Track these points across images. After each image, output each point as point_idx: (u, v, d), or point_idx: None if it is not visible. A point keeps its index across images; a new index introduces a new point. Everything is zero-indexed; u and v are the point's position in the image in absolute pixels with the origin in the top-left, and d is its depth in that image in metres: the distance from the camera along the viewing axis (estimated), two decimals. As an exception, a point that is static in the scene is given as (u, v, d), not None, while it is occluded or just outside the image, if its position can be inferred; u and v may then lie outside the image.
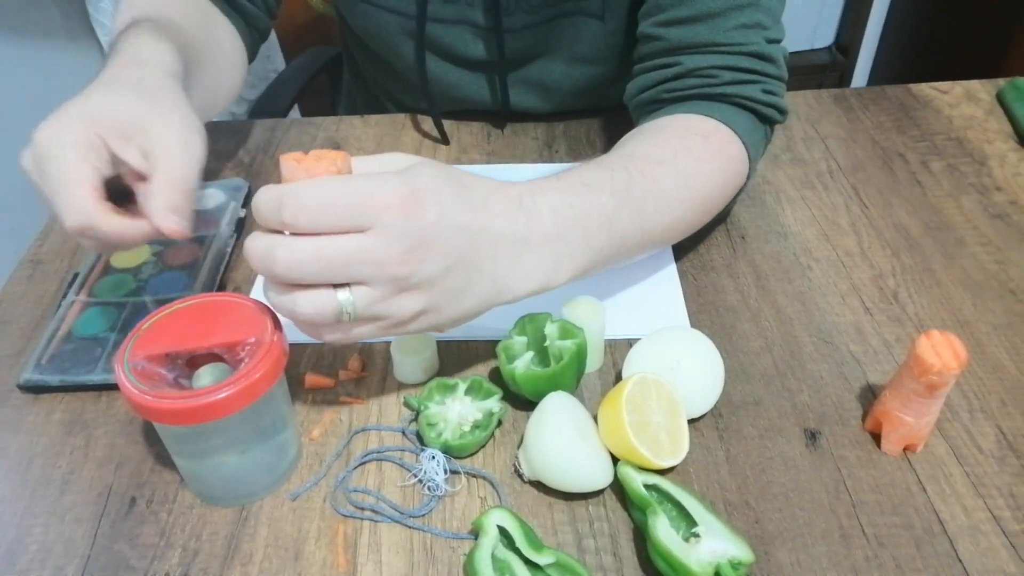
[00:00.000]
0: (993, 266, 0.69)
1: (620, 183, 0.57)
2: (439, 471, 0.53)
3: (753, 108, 0.67)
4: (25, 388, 0.61)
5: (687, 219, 0.63)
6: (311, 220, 0.44)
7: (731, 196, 0.68)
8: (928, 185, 0.79)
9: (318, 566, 0.50)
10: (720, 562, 0.46)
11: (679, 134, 0.64)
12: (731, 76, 0.67)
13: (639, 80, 0.72)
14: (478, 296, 0.50)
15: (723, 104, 0.67)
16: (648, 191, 0.58)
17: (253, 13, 0.81)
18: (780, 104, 0.69)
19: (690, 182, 0.62)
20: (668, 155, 0.61)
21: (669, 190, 0.60)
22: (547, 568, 0.47)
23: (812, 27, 2.12)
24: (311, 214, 0.44)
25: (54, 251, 0.75)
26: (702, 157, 0.63)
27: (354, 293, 0.45)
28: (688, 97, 0.68)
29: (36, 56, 1.42)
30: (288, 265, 0.44)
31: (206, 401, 0.46)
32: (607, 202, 0.55)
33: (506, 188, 0.51)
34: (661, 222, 0.60)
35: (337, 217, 0.44)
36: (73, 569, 0.51)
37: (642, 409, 0.52)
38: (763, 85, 0.68)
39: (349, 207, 0.44)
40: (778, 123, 0.71)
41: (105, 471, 0.56)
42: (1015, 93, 0.87)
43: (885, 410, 0.54)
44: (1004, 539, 0.50)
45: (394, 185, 0.45)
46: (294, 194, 0.44)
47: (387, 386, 0.61)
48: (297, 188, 0.44)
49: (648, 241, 0.60)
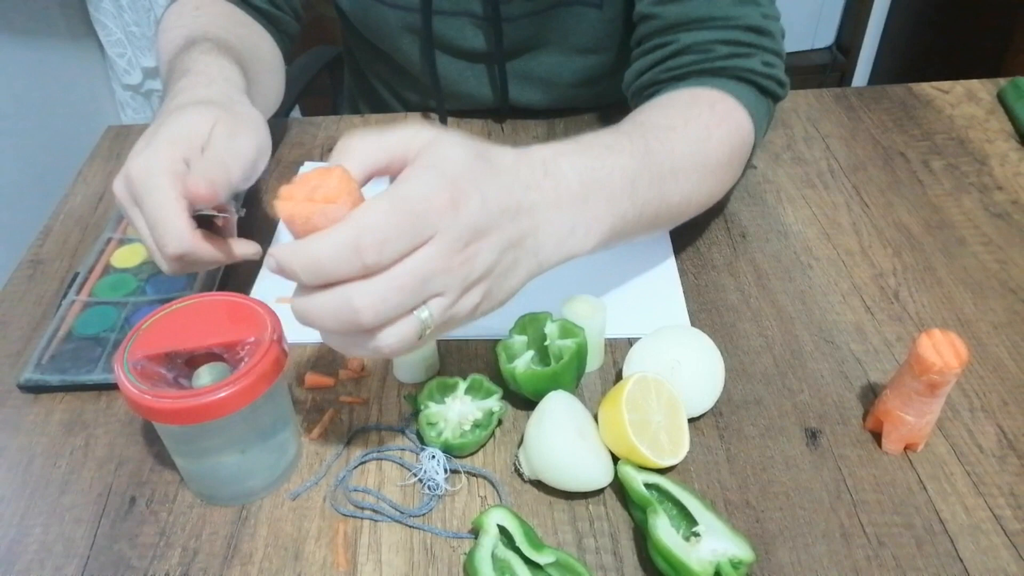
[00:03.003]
0: (994, 265, 0.69)
1: (639, 147, 0.56)
2: (439, 470, 0.53)
3: (753, 80, 0.67)
4: (25, 388, 0.61)
5: (700, 188, 0.62)
6: (393, 250, 0.40)
7: (739, 168, 0.67)
8: (929, 184, 0.79)
9: (318, 566, 0.50)
10: (720, 561, 0.46)
11: (686, 104, 0.64)
12: (728, 50, 0.66)
13: (637, 64, 0.72)
14: (523, 272, 0.48)
15: (723, 78, 0.66)
16: (665, 157, 0.57)
17: (284, 20, 0.85)
18: (779, 76, 0.68)
19: (702, 147, 0.61)
20: (679, 122, 0.60)
21: (684, 156, 0.59)
22: (547, 567, 0.47)
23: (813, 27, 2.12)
24: (393, 244, 0.40)
25: (54, 251, 0.75)
26: (710, 124, 0.62)
27: (430, 307, 0.43)
28: (687, 75, 0.67)
29: (36, 56, 1.42)
30: (375, 311, 0.40)
31: (206, 401, 0.46)
32: (628, 164, 0.54)
33: (528, 156, 0.49)
34: (678, 190, 0.59)
35: (410, 237, 0.41)
36: (73, 569, 0.51)
37: (642, 408, 0.52)
38: (761, 57, 0.67)
39: (414, 223, 0.41)
40: (779, 98, 0.70)
41: (105, 471, 0.56)
42: (1016, 93, 0.87)
43: (886, 409, 0.54)
44: (1005, 538, 0.50)
45: (435, 183, 0.42)
46: (371, 231, 0.39)
47: (387, 386, 0.61)
48: (366, 224, 0.40)
49: (666, 210, 0.59)
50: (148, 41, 1.59)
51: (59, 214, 0.80)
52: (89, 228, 0.78)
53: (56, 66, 1.47)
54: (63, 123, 1.45)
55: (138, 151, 0.56)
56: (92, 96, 1.61)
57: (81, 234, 0.77)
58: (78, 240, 0.76)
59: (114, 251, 0.71)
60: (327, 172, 0.42)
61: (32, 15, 1.40)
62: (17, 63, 1.36)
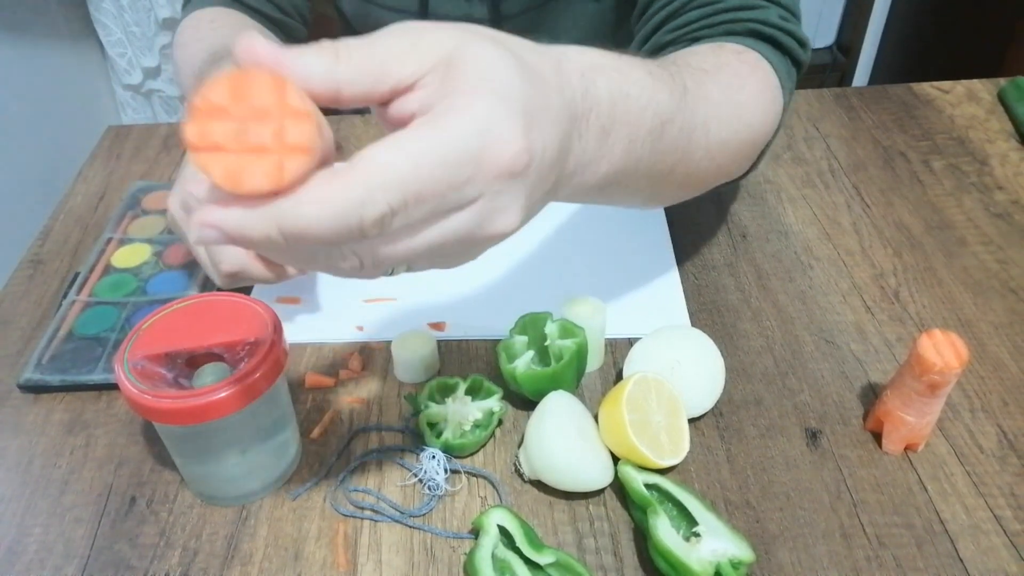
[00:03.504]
0: (994, 265, 0.69)
1: (678, 84, 0.46)
2: (439, 471, 0.53)
3: (771, 36, 0.58)
4: (25, 388, 0.61)
5: (729, 146, 0.52)
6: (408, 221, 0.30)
7: (770, 131, 0.58)
8: (929, 184, 0.78)
9: (318, 566, 0.50)
10: (721, 561, 0.46)
11: (713, 51, 0.55)
12: (738, 1, 0.58)
13: (641, 33, 0.64)
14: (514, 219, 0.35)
15: (738, 36, 0.58)
16: (699, 103, 0.47)
17: (294, 27, 0.85)
18: (799, 34, 0.59)
19: (735, 97, 0.52)
20: (711, 66, 0.52)
21: (717, 105, 0.50)
22: (547, 568, 0.47)
23: (813, 27, 2.12)
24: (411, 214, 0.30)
25: (54, 251, 0.75)
26: (741, 72, 0.53)
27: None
28: (696, 33, 0.59)
29: (37, 56, 1.42)
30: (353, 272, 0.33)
31: (206, 401, 0.46)
32: (665, 103, 0.43)
33: (566, 65, 0.37)
34: (704, 146, 0.49)
35: (438, 206, 0.31)
36: (73, 569, 0.50)
37: (643, 408, 0.52)
38: (777, 11, 0.59)
39: (452, 188, 0.30)
40: (801, 62, 0.60)
41: (105, 471, 0.56)
42: (1016, 93, 0.87)
43: (886, 409, 0.54)
44: (1005, 539, 0.50)
45: (495, 127, 0.31)
46: (383, 199, 0.29)
47: (387, 386, 0.61)
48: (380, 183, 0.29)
49: (681, 170, 0.48)
50: (148, 41, 1.59)
51: (59, 214, 0.80)
52: (89, 228, 0.78)
53: (56, 66, 1.47)
54: (63, 123, 1.45)
55: (193, 173, 0.56)
56: (92, 96, 1.61)
57: (81, 234, 0.77)
58: (78, 240, 0.76)
59: (114, 251, 0.71)
60: (259, 82, 0.28)
61: (32, 15, 1.40)
62: (17, 63, 1.36)
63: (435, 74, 0.31)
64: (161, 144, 0.89)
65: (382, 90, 0.31)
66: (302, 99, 0.28)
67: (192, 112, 0.28)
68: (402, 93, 0.32)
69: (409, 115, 0.32)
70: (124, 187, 0.82)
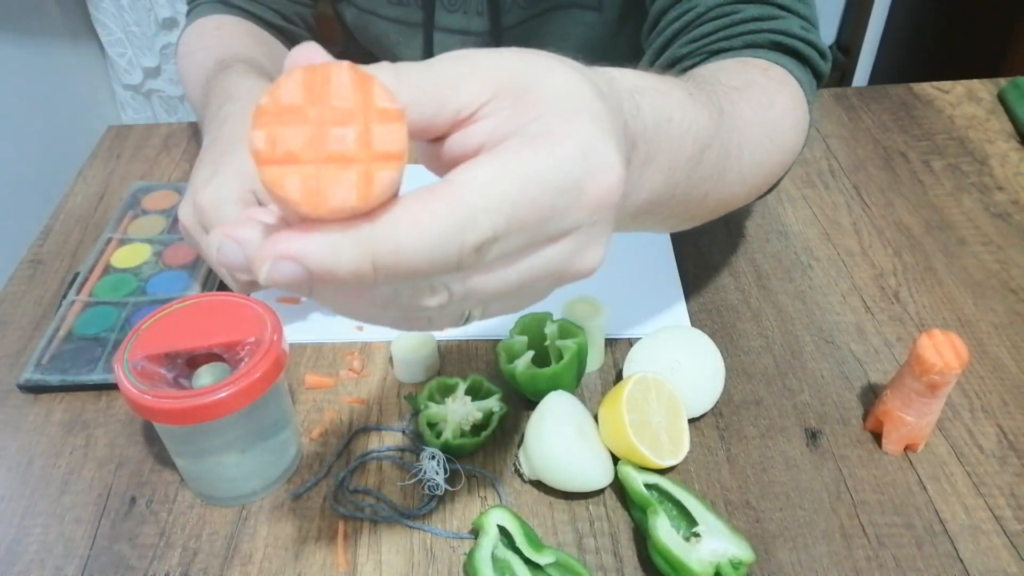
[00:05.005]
0: (994, 265, 0.69)
1: (715, 105, 0.43)
2: (439, 471, 0.53)
3: (792, 47, 0.55)
4: (25, 388, 0.61)
5: (762, 168, 0.50)
6: (503, 251, 0.27)
7: (799, 149, 0.56)
8: (929, 184, 0.78)
9: (318, 566, 0.50)
10: (721, 562, 0.46)
11: (739, 68, 0.52)
12: (756, 11, 0.55)
13: (654, 46, 0.61)
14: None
15: (760, 48, 0.55)
16: (734, 123, 0.45)
17: (299, 34, 0.85)
18: (819, 44, 0.56)
19: (767, 116, 0.50)
20: (740, 83, 0.49)
21: (750, 126, 0.47)
22: (547, 568, 0.47)
23: (813, 27, 2.12)
24: (507, 245, 0.27)
25: (54, 251, 0.75)
26: (769, 90, 0.51)
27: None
28: (713, 47, 0.56)
29: (36, 56, 1.42)
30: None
31: (206, 401, 0.46)
32: (705, 125, 0.41)
33: (615, 85, 0.34)
34: (738, 170, 0.47)
35: (534, 236, 0.28)
36: (73, 569, 0.50)
37: (643, 408, 0.52)
38: (798, 21, 0.56)
39: (551, 216, 0.28)
40: (822, 74, 0.57)
41: (105, 471, 0.56)
42: (1016, 93, 0.87)
43: (886, 409, 0.54)
44: (1005, 539, 0.50)
45: (608, 163, 0.29)
46: (484, 224, 0.26)
47: (387, 386, 0.61)
48: (481, 207, 0.26)
49: (714, 196, 0.46)
50: (148, 41, 1.59)
51: (59, 214, 0.80)
52: (89, 228, 0.78)
53: (56, 66, 1.47)
54: (63, 123, 1.45)
55: (205, 180, 0.56)
56: (92, 96, 1.61)
57: (81, 234, 0.77)
58: (78, 240, 0.76)
59: (114, 251, 0.71)
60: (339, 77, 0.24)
61: (32, 15, 1.40)
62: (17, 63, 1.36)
63: (502, 100, 0.28)
64: (161, 144, 0.89)
65: (444, 117, 0.28)
66: (391, 97, 0.24)
67: (259, 115, 0.23)
68: (462, 124, 0.28)
69: (474, 149, 0.28)
70: (124, 187, 0.82)
